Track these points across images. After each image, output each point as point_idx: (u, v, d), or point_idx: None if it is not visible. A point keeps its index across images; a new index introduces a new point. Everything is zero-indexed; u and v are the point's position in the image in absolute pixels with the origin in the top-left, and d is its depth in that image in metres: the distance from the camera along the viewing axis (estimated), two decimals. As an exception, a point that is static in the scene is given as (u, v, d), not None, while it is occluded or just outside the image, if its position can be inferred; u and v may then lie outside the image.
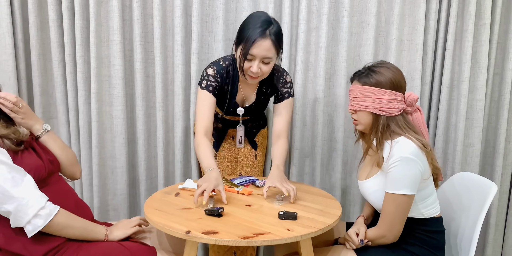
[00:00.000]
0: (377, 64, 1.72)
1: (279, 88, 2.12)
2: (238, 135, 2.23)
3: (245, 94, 2.14)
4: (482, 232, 2.64)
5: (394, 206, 1.61)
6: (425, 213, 1.70)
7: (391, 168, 1.60)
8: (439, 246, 1.73)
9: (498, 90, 2.57)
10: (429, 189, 1.70)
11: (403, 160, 1.58)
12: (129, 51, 2.46)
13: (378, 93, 1.66)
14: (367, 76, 1.69)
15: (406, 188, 1.59)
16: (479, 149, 2.54)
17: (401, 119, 1.68)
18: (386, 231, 1.65)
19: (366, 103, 1.68)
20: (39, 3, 2.35)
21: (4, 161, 1.42)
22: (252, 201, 1.84)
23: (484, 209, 1.70)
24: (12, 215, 1.41)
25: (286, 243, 1.46)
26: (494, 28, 2.47)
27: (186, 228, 1.52)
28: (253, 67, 1.88)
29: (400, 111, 1.68)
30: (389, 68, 1.69)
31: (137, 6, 2.37)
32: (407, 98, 1.70)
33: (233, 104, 2.14)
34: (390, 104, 1.66)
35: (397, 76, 1.68)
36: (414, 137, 1.64)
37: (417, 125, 1.75)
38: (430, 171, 1.66)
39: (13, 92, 2.33)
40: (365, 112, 1.71)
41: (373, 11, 2.41)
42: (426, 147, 1.63)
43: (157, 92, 2.45)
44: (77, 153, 2.49)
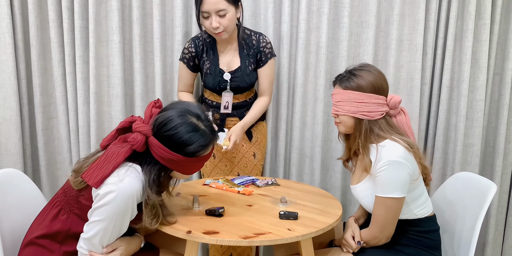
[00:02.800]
0: (359, 67, 1.71)
1: (261, 48, 2.21)
2: (225, 101, 2.23)
3: (227, 59, 2.22)
4: (482, 232, 2.64)
5: (385, 209, 1.61)
6: (418, 213, 1.70)
7: (379, 172, 1.60)
8: (435, 245, 1.73)
9: (498, 90, 2.57)
10: (420, 189, 1.70)
11: (391, 164, 1.57)
12: (129, 51, 2.46)
13: (359, 97, 1.66)
14: (348, 80, 1.68)
15: (395, 191, 1.58)
16: (479, 149, 2.54)
17: (383, 122, 1.68)
18: (377, 233, 1.65)
19: (348, 108, 1.68)
20: (39, 3, 2.35)
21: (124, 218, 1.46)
22: (253, 201, 1.84)
23: (484, 209, 1.70)
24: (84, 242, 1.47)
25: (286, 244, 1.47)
26: (494, 28, 2.47)
27: (187, 228, 1.52)
28: (212, 23, 2.01)
29: (382, 114, 1.68)
30: (370, 71, 1.68)
31: (136, 6, 2.36)
32: (389, 101, 1.69)
33: (219, 71, 2.20)
34: (372, 107, 1.66)
35: (378, 79, 1.67)
36: (399, 138, 1.63)
37: (402, 127, 1.74)
38: (419, 171, 1.65)
39: (13, 92, 2.32)
40: (347, 116, 1.70)
41: (373, 11, 2.41)
42: (412, 147, 1.63)
43: (157, 92, 2.45)
44: (76, 154, 2.49)
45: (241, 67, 2.22)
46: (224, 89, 2.21)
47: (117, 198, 1.39)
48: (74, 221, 1.51)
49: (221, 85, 2.21)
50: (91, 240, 1.45)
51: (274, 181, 2.11)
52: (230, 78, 2.20)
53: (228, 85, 2.21)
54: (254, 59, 2.24)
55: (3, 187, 1.67)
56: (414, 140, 1.77)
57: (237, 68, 2.22)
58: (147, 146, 1.47)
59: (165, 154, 1.45)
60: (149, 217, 1.48)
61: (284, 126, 2.52)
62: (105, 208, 1.40)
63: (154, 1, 2.36)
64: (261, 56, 2.23)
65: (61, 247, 1.51)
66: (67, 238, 1.51)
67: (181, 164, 1.49)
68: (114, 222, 1.43)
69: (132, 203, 1.44)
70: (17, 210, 1.70)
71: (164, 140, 1.45)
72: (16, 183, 1.75)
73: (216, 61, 2.21)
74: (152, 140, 1.45)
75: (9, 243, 1.61)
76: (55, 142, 2.53)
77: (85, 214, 1.47)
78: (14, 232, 1.65)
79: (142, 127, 1.46)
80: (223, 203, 1.80)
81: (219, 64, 2.22)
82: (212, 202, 1.80)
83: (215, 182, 2.07)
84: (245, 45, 2.22)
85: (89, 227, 1.44)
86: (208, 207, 1.70)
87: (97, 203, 1.41)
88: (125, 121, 1.54)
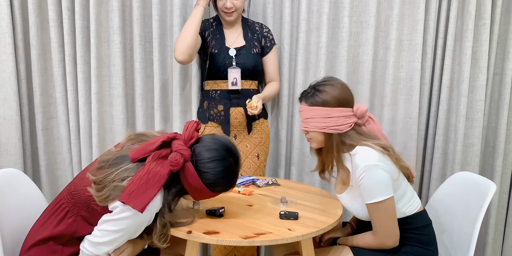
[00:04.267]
0: (322, 82, 1.72)
1: (264, 33, 2.36)
2: (232, 77, 2.25)
3: (232, 39, 2.31)
4: (482, 232, 2.64)
5: (380, 213, 1.61)
6: (406, 211, 1.69)
7: (360, 180, 1.60)
8: (429, 240, 1.73)
9: (498, 90, 2.57)
10: (402, 188, 1.69)
11: (368, 169, 1.57)
12: (129, 51, 2.46)
13: (326, 112, 1.66)
14: (313, 96, 1.69)
15: (382, 194, 1.58)
16: (479, 149, 2.54)
17: (353, 133, 1.69)
18: (385, 239, 1.64)
19: (316, 124, 1.68)
20: (39, 3, 2.35)
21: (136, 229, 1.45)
22: (253, 201, 1.84)
23: (483, 208, 1.70)
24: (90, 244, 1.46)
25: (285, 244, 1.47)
26: (494, 28, 2.47)
27: (187, 228, 1.52)
28: (227, 3, 2.17)
29: (351, 126, 1.69)
30: (333, 85, 1.69)
31: (136, 6, 2.36)
32: (356, 111, 1.70)
33: (225, 48, 2.27)
34: (340, 121, 1.67)
35: (342, 92, 1.68)
36: (371, 143, 1.64)
37: (373, 134, 1.75)
38: (398, 171, 1.64)
39: (13, 92, 2.32)
40: (317, 132, 1.71)
41: (372, 11, 2.41)
42: (387, 149, 1.64)
43: (156, 92, 2.45)
44: (77, 153, 2.49)
45: (245, 46, 2.30)
46: (229, 65, 2.25)
47: (138, 215, 1.39)
48: (80, 224, 1.50)
49: (226, 62, 2.25)
50: (99, 245, 1.45)
51: (275, 181, 2.11)
52: (235, 55, 2.26)
53: (234, 61, 2.25)
54: (258, 43, 2.33)
55: (3, 187, 1.66)
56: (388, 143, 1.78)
57: (242, 46, 2.29)
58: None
59: (195, 183, 1.47)
60: (159, 234, 1.48)
61: (285, 126, 2.52)
62: (124, 222, 1.40)
63: (154, 1, 2.36)
64: (266, 41, 2.34)
65: (63, 249, 1.51)
66: (70, 241, 1.51)
67: (201, 194, 1.51)
68: (129, 234, 1.44)
69: (150, 218, 1.45)
70: (17, 210, 1.70)
71: (199, 171, 1.47)
72: (16, 183, 1.75)
73: (222, 39, 2.29)
74: (189, 166, 1.46)
75: (9, 243, 1.61)
76: (55, 142, 2.53)
77: (93, 217, 1.47)
78: (14, 232, 1.65)
79: (185, 151, 1.46)
80: (224, 203, 1.80)
81: (225, 43, 2.29)
82: (213, 202, 1.80)
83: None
84: (249, 31, 2.34)
85: (102, 234, 1.43)
86: (209, 207, 1.71)
87: (117, 215, 1.40)
88: (167, 137, 1.50)
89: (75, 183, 1.53)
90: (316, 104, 1.68)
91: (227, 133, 2.29)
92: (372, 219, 1.64)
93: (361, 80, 2.50)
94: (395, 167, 1.63)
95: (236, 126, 2.30)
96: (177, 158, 1.43)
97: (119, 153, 1.50)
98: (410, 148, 2.52)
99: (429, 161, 2.61)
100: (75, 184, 1.53)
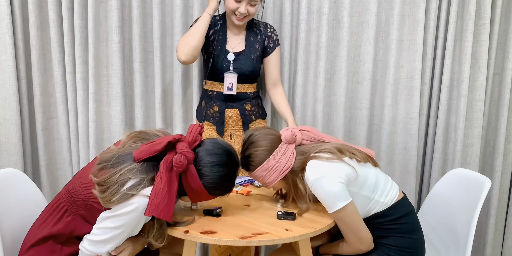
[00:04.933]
0: (245, 147, 1.73)
1: (268, 33, 2.32)
2: (228, 81, 2.25)
3: (234, 42, 2.29)
4: (482, 232, 2.64)
5: (343, 220, 1.61)
6: (386, 200, 1.68)
7: (314, 193, 1.61)
8: (412, 227, 1.72)
9: (498, 90, 2.56)
10: (371, 178, 1.68)
11: (314, 183, 1.58)
12: (128, 51, 2.46)
13: (268, 166, 1.68)
14: (247, 165, 1.72)
15: (337, 202, 1.57)
16: (479, 149, 2.53)
17: (299, 159, 1.69)
18: (357, 245, 1.64)
19: (271, 178, 1.69)
20: (39, 3, 2.35)
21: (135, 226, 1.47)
22: (251, 201, 1.85)
23: (479, 204, 1.71)
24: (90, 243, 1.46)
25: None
26: (494, 28, 2.46)
27: (185, 228, 1.52)
28: (241, 8, 2.12)
29: (293, 154, 1.69)
30: (254, 142, 1.70)
31: (136, 6, 2.36)
32: (284, 140, 1.71)
33: (225, 51, 2.25)
34: (282, 161, 1.68)
35: (265, 143, 1.70)
36: (318, 154, 1.65)
37: (315, 141, 1.76)
38: (353, 170, 1.62)
39: (13, 92, 2.33)
40: (277, 182, 1.72)
41: (373, 11, 2.41)
42: (335, 151, 1.65)
43: (156, 93, 2.45)
44: (77, 153, 2.49)
45: (245, 51, 2.27)
46: (226, 69, 2.24)
47: (138, 209, 1.40)
48: (78, 222, 1.50)
49: (224, 65, 2.24)
50: (99, 243, 1.45)
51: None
52: (233, 60, 2.25)
53: (231, 66, 2.24)
54: (260, 47, 2.30)
55: (3, 187, 1.66)
56: (336, 140, 1.79)
57: (241, 51, 2.27)
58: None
59: (195, 185, 1.49)
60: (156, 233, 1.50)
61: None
62: (123, 217, 1.40)
63: (154, 1, 2.36)
64: (269, 42, 2.31)
65: (62, 248, 1.51)
66: (69, 240, 1.51)
67: (200, 196, 1.54)
68: (129, 230, 1.45)
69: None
70: (17, 210, 1.70)
71: (200, 174, 1.50)
72: (16, 183, 1.75)
73: (224, 42, 2.27)
74: (192, 169, 1.49)
75: (9, 243, 1.61)
76: (55, 142, 2.53)
77: (91, 216, 1.47)
78: (14, 232, 1.65)
79: (189, 153, 1.48)
80: (221, 203, 1.80)
81: (225, 45, 2.27)
82: (210, 202, 1.81)
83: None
84: (253, 33, 2.30)
85: (101, 231, 1.44)
86: (206, 207, 1.71)
87: (116, 211, 1.40)
88: (173, 138, 1.51)
89: (74, 181, 1.54)
90: (254, 168, 1.71)
91: (221, 134, 2.29)
92: (340, 228, 1.65)
93: (362, 80, 2.50)
94: (349, 167, 1.62)
95: (232, 125, 2.31)
96: (182, 160, 1.44)
97: (121, 151, 1.50)
98: (410, 148, 2.51)
99: (429, 161, 2.61)
100: (74, 183, 1.53)
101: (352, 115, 2.57)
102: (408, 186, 2.52)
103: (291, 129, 1.73)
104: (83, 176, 1.51)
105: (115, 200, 1.38)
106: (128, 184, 1.40)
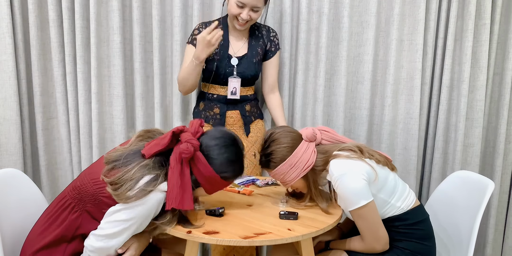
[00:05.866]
0: (265, 145, 1.74)
1: (271, 37, 2.31)
2: (232, 86, 2.25)
3: (236, 46, 2.27)
4: (482, 232, 2.64)
5: (363, 218, 1.61)
6: (402, 205, 1.69)
7: (338, 190, 1.61)
8: (426, 234, 1.73)
9: (498, 90, 2.57)
10: (390, 183, 1.69)
11: (339, 178, 1.59)
12: (129, 51, 2.46)
13: (289, 163, 1.69)
14: (268, 162, 1.73)
15: (360, 200, 1.58)
16: (479, 149, 2.54)
17: (320, 157, 1.70)
18: (373, 244, 1.64)
19: (291, 176, 1.70)
20: (39, 3, 2.35)
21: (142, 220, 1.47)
22: (253, 201, 1.84)
23: (482, 206, 1.71)
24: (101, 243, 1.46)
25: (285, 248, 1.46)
26: (494, 28, 2.47)
27: (187, 228, 1.52)
28: (243, 14, 2.10)
29: (314, 151, 1.70)
30: (275, 140, 1.71)
31: (136, 6, 2.36)
32: (305, 138, 1.72)
33: (227, 56, 2.24)
34: (304, 158, 1.68)
35: (286, 138, 1.71)
36: (338, 153, 1.66)
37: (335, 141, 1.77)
38: (374, 170, 1.63)
39: (13, 92, 2.32)
40: (298, 181, 1.73)
41: (373, 11, 2.41)
42: (355, 150, 1.66)
43: (156, 93, 2.45)
44: (77, 154, 2.49)
45: (247, 55, 2.26)
46: (230, 74, 2.23)
47: (154, 203, 1.42)
48: (85, 219, 1.50)
49: (227, 69, 2.23)
50: (106, 238, 1.45)
51: (275, 181, 2.11)
52: (236, 64, 2.24)
53: (235, 71, 2.23)
54: (262, 50, 2.29)
55: (3, 187, 1.66)
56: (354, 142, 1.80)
57: (243, 55, 2.26)
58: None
59: (206, 171, 1.51)
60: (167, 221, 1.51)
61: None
62: (136, 209, 1.42)
63: (154, 1, 2.36)
64: (271, 45, 2.31)
65: (67, 247, 1.51)
66: (75, 238, 1.51)
67: (213, 184, 1.56)
68: (138, 223, 1.45)
69: (158, 208, 1.47)
70: (17, 210, 1.70)
71: (208, 159, 1.52)
72: (16, 183, 1.75)
73: (226, 46, 2.26)
74: (199, 155, 1.51)
75: (9, 243, 1.61)
76: (55, 142, 2.53)
77: (99, 212, 1.48)
78: (14, 232, 1.65)
79: (194, 141, 1.50)
80: (223, 203, 1.80)
81: (228, 50, 2.26)
82: (213, 202, 1.80)
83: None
84: (255, 35, 2.30)
85: (110, 225, 1.44)
86: (209, 207, 1.71)
87: (129, 203, 1.41)
88: (176, 129, 1.54)
89: (81, 178, 1.54)
90: (276, 165, 1.71)
91: None
92: (358, 226, 1.65)
93: (362, 80, 2.50)
94: (369, 168, 1.63)
95: (232, 124, 2.30)
96: (188, 147, 1.48)
97: (128, 150, 1.52)
98: (411, 148, 2.52)
99: (429, 161, 2.61)
100: (81, 180, 1.53)
101: (352, 115, 2.57)
102: (408, 186, 2.52)
103: (311, 128, 1.75)
104: (92, 173, 1.52)
105: (133, 196, 1.40)
106: (144, 180, 1.42)
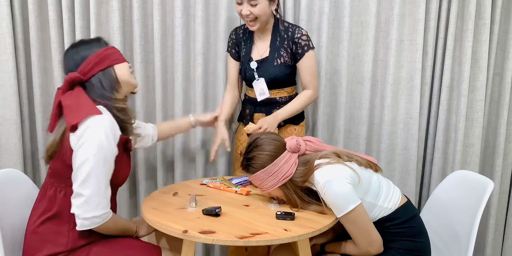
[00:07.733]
0: (249, 149, 1.74)
1: (295, 39, 2.18)
2: (258, 88, 2.23)
3: (260, 49, 2.25)
4: (481, 232, 2.63)
5: (353, 223, 1.62)
6: (390, 206, 1.69)
7: (325, 197, 1.62)
8: (419, 231, 1.73)
9: (498, 90, 2.56)
10: (374, 184, 1.69)
11: (325, 185, 1.60)
12: (129, 51, 2.46)
13: (269, 171, 1.69)
14: (248, 166, 1.73)
15: (348, 205, 1.58)
16: (479, 149, 2.53)
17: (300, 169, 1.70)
18: (367, 247, 1.64)
19: (269, 183, 1.70)
20: (39, 3, 2.35)
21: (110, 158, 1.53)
22: (250, 201, 1.85)
23: (482, 206, 1.71)
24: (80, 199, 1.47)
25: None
26: (494, 28, 2.46)
27: (183, 228, 1.52)
28: (243, 10, 2.07)
29: (295, 163, 1.70)
30: (259, 146, 1.71)
31: (137, 6, 2.37)
32: (289, 148, 1.72)
33: (248, 59, 2.25)
34: (284, 169, 1.68)
35: (270, 148, 1.71)
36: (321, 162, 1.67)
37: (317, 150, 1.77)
38: (356, 174, 1.64)
39: (13, 92, 2.33)
40: (275, 189, 1.73)
41: (373, 11, 2.41)
42: (336, 156, 1.67)
43: (157, 93, 2.46)
44: (77, 153, 2.49)
45: (268, 58, 2.22)
46: (251, 77, 2.24)
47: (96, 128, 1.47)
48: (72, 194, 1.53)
49: (247, 73, 2.24)
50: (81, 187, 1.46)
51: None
52: (256, 67, 2.22)
53: (256, 74, 2.22)
54: (287, 52, 2.20)
55: (3, 187, 1.67)
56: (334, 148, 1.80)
57: (264, 58, 2.23)
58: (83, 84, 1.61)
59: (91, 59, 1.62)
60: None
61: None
62: (87, 144, 1.46)
63: (154, 1, 2.36)
64: (297, 48, 2.19)
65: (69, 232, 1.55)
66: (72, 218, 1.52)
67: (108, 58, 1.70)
68: (101, 158, 1.48)
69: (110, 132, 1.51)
70: (17, 210, 1.70)
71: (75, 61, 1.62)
72: (16, 183, 1.75)
73: (250, 49, 2.26)
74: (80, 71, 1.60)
75: (9, 243, 1.61)
76: (56, 142, 2.53)
77: None
78: (14, 232, 1.66)
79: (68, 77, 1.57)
80: (220, 203, 1.81)
81: (251, 53, 2.26)
82: (209, 202, 1.81)
83: (212, 181, 2.07)
84: (279, 37, 2.21)
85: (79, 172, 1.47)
86: (205, 207, 1.71)
87: (78, 146, 1.47)
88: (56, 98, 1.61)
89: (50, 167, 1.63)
90: (255, 171, 1.71)
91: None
92: (349, 232, 1.65)
93: (362, 80, 2.50)
94: (351, 171, 1.63)
95: None
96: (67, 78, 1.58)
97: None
98: (411, 148, 2.51)
99: (429, 161, 2.61)
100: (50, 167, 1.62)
101: (352, 115, 2.57)
102: (408, 186, 2.52)
103: (296, 139, 1.74)
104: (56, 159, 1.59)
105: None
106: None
